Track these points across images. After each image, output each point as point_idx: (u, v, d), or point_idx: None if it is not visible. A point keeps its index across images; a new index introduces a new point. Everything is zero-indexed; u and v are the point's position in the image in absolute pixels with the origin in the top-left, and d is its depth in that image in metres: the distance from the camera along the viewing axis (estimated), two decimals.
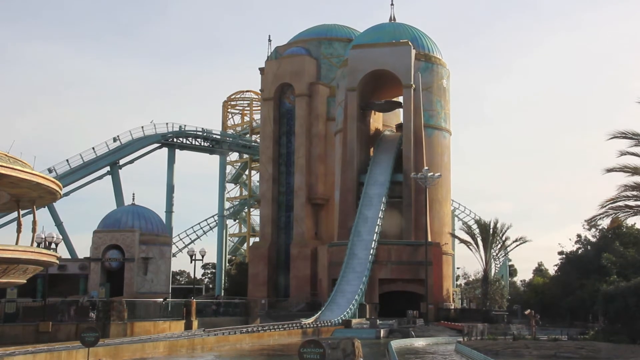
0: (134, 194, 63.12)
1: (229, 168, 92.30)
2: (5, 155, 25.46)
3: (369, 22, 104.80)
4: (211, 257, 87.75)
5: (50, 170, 68.45)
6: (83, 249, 69.66)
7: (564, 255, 61.42)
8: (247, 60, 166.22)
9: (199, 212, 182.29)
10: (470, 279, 76.38)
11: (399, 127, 70.40)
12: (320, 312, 51.99)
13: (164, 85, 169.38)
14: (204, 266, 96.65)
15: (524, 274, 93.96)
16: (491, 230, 61.25)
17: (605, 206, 34.04)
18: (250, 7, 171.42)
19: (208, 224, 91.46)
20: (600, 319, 43.40)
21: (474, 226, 65.96)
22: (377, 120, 72.31)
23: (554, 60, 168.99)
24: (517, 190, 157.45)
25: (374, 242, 59.33)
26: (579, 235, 59.87)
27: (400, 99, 68.58)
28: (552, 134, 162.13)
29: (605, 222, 52.90)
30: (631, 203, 33.68)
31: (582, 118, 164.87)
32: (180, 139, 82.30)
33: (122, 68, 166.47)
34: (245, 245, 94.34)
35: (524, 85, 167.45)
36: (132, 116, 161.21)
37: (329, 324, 47.15)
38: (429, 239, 59.05)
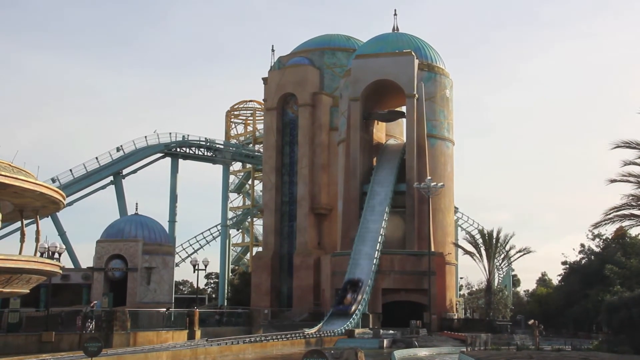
0: (137, 203, 63.39)
1: (232, 178, 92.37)
2: (9, 165, 25.52)
3: (371, 32, 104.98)
4: (214, 267, 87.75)
5: (53, 180, 68.59)
6: (86, 259, 69.97)
7: (567, 266, 61.25)
8: (250, 70, 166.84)
9: (202, 222, 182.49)
10: (474, 289, 76.32)
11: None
12: (323, 321, 51.89)
13: (167, 95, 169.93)
14: (207, 276, 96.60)
15: (527, 284, 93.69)
16: (494, 240, 61.17)
17: (609, 214, 33.98)
18: (254, 18, 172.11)
19: (211, 234, 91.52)
20: (604, 329, 43.22)
21: (477, 236, 65.89)
22: (380, 130, 72.38)
23: (556, 69, 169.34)
24: (515, 200, 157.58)
25: (377, 252, 59.23)
26: (582, 245, 59.74)
27: (404, 108, 68.65)
28: (552, 143, 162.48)
29: (609, 232, 52.89)
30: (636, 212, 33.59)
31: (583, 127, 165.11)
32: (184, 148, 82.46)
33: (125, 78, 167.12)
34: (248, 254, 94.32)
35: (526, 94, 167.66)
36: (136, 126, 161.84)
37: (332, 333, 47.07)
38: (432, 249, 58.98)
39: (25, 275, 27.15)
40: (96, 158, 74.56)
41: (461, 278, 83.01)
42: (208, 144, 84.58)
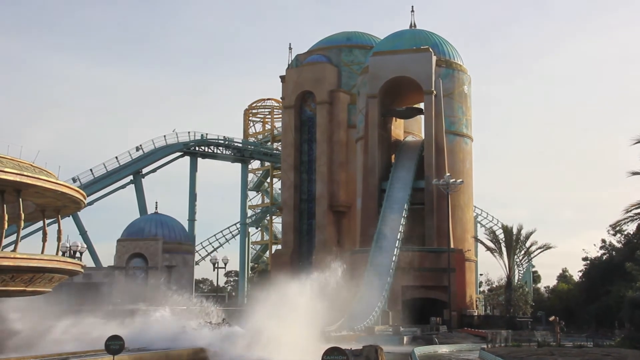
0: (156, 202, 63.73)
1: (250, 176, 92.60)
2: (31, 165, 25.83)
3: (389, 29, 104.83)
4: (234, 265, 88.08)
5: (74, 180, 69.08)
6: (107, 258, 70.24)
7: (588, 261, 60.80)
8: (267, 68, 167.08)
9: (221, 220, 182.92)
10: (494, 285, 75.86)
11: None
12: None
13: (185, 94, 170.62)
14: (227, 274, 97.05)
15: (548, 280, 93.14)
16: (514, 236, 60.86)
17: (630, 211, 33.76)
18: (271, 16, 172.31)
19: (230, 232, 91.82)
20: (626, 325, 42.91)
21: (498, 232, 65.56)
22: (398, 127, 72.23)
23: (574, 65, 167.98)
24: (532, 196, 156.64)
25: (396, 249, 59.15)
26: (603, 241, 59.29)
27: (422, 105, 68.47)
28: (570, 139, 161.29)
29: (630, 227, 52.39)
30: None
31: (601, 123, 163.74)
32: (202, 147, 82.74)
33: (143, 78, 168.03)
34: (267, 252, 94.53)
35: (544, 90, 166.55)
36: (155, 125, 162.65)
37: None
38: (452, 246, 58.78)
39: (48, 275, 27.48)
40: (116, 157, 75.11)
41: (481, 275, 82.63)
42: (227, 142, 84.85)
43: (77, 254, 38.75)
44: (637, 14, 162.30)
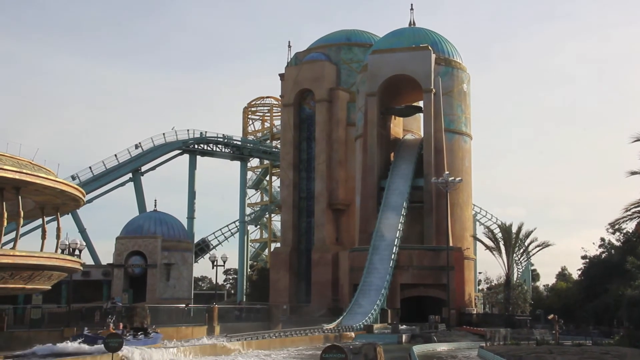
0: (155, 200, 63.50)
1: (249, 174, 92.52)
2: (30, 163, 25.83)
3: (388, 27, 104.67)
4: (233, 263, 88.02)
5: (73, 178, 69.00)
6: (106, 255, 70.18)
7: (587, 260, 60.81)
8: (267, 66, 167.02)
9: (220, 218, 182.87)
10: (493, 284, 75.93)
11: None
12: (342, 317, 51.98)
13: (184, 92, 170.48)
14: (226, 272, 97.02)
15: (547, 279, 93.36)
16: (513, 234, 60.90)
17: (629, 209, 33.74)
18: (270, 14, 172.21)
19: (229, 230, 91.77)
20: (625, 324, 42.93)
21: (496, 230, 65.56)
22: (397, 125, 72.24)
23: (574, 64, 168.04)
24: (531, 195, 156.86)
25: (395, 247, 59.23)
26: (602, 239, 59.28)
27: (421, 103, 68.49)
28: (567, 138, 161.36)
29: (630, 226, 52.31)
30: None
31: (599, 121, 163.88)
32: (202, 145, 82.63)
33: (142, 77, 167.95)
34: (266, 250, 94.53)
35: (544, 89, 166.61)
36: (154, 124, 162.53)
37: (351, 329, 47.14)
38: (451, 244, 58.83)
39: (47, 272, 27.48)
40: (115, 155, 74.96)
41: (480, 273, 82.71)
42: (226, 140, 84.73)
43: (76, 252, 38.60)
44: (637, 14, 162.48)
